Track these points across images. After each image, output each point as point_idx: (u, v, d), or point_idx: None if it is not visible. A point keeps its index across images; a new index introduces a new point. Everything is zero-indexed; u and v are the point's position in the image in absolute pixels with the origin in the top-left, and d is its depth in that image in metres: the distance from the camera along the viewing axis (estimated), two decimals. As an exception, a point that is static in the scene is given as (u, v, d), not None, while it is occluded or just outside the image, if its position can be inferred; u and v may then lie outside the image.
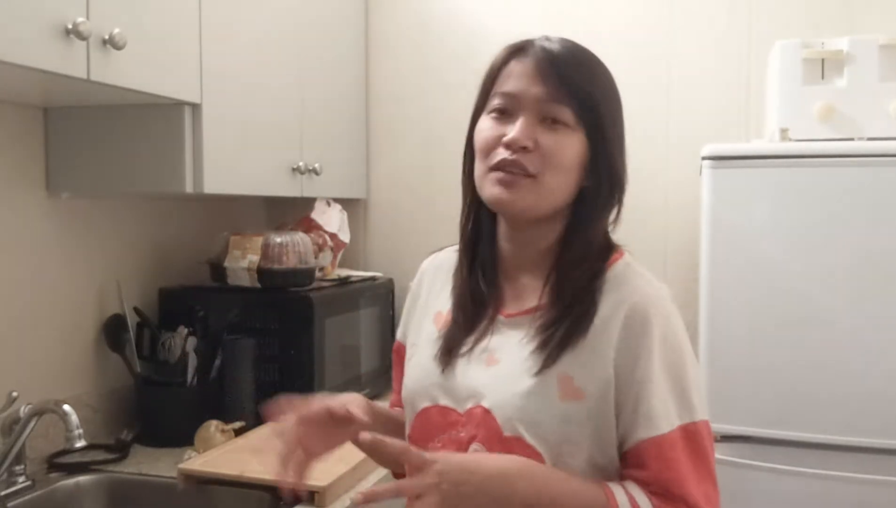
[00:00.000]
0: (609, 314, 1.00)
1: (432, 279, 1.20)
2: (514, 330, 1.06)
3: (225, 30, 1.79)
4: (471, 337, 1.08)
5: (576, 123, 1.02)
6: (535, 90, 1.02)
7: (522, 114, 1.02)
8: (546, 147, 1.01)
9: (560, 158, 1.01)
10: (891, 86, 1.85)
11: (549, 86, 1.01)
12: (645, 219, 2.30)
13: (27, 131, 1.74)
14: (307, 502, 1.53)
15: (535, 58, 1.03)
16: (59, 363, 1.82)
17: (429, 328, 1.15)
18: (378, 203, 2.63)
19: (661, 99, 2.33)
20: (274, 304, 2.03)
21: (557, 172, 1.02)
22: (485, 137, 1.04)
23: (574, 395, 0.98)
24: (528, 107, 1.02)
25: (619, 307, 1.00)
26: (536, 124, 1.02)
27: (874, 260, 1.76)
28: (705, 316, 1.87)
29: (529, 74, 1.03)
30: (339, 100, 2.43)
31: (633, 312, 1.00)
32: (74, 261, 1.86)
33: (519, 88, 1.03)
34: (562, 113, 1.01)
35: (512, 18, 2.44)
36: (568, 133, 1.02)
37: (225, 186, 1.82)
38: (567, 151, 1.02)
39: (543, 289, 1.05)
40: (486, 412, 1.02)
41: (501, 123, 1.04)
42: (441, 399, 1.07)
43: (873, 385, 1.76)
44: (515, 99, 1.03)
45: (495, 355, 1.05)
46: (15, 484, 1.57)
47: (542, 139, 1.01)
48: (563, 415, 0.98)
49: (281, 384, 2.01)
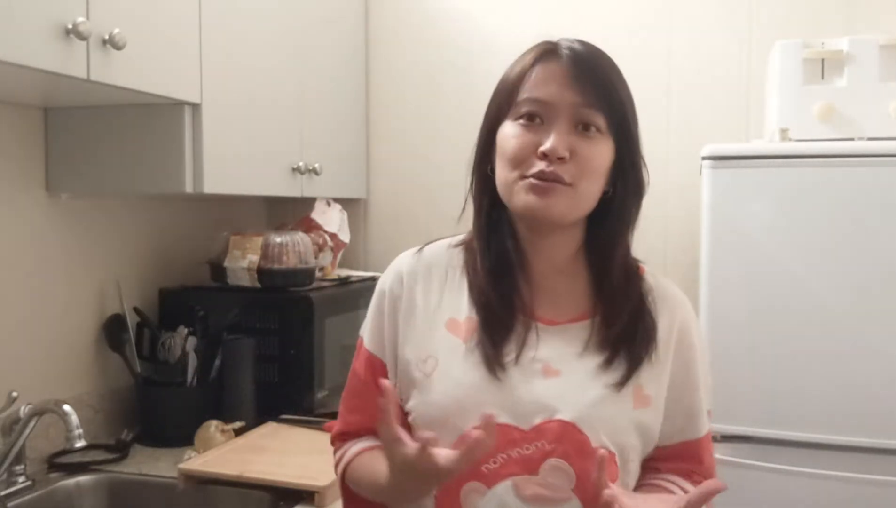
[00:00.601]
0: (667, 327, 1.07)
1: (425, 281, 1.09)
2: (562, 339, 1.03)
3: (225, 30, 1.79)
4: (510, 344, 1.02)
5: (607, 129, 1.01)
6: (570, 96, 1.00)
7: (557, 121, 1.00)
8: (583, 155, 1.00)
9: (596, 165, 1.01)
10: (891, 86, 1.85)
11: (584, 91, 1.00)
12: (645, 219, 2.28)
13: (27, 131, 1.74)
14: (307, 502, 1.53)
15: (566, 61, 1.01)
16: (59, 363, 1.82)
17: (445, 338, 1.04)
18: (378, 203, 2.63)
19: (661, 99, 2.33)
20: (274, 304, 2.03)
21: (592, 180, 1.01)
22: (515, 146, 1.01)
23: (644, 402, 1.03)
24: (562, 113, 1.00)
25: (674, 321, 1.07)
26: (571, 131, 1.00)
27: (874, 260, 1.76)
28: (705, 316, 1.87)
29: (561, 78, 1.00)
30: (339, 100, 2.43)
31: (684, 325, 1.09)
32: (74, 261, 1.86)
33: (552, 95, 1.00)
34: (596, 119, 1.00)
35: (512, 18, 2.44)
36: (600, 139, 1.01)
37: (225, 187, 1.82)
38: (601, 159, 1.01)
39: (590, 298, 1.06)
40: (569, 425, 0.98)
41: (532, 130, 1.01)
42: (497, 417, 0.95)
43: (874, 385, 1.76)
44: (548, 105, 1.00)
45: (553, 366, 1.01)
46: (15, 484, 1.57)
47: (579, 147, 0.99)
48: (638, 422, 1.03)
49: (281, 384, 2.01)
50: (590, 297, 1.06)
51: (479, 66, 2.46)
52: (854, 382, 1.77)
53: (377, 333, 1.13)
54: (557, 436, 0.98)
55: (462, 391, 1.00)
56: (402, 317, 1.09)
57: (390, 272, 1.13)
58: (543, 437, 0.98)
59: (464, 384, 1.01)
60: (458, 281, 1.08)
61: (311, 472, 1.57)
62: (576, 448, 0.98)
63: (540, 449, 0.98)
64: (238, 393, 1.96)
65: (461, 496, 0.99)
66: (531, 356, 1.01)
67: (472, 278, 1.07)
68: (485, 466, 0.98)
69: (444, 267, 1.10)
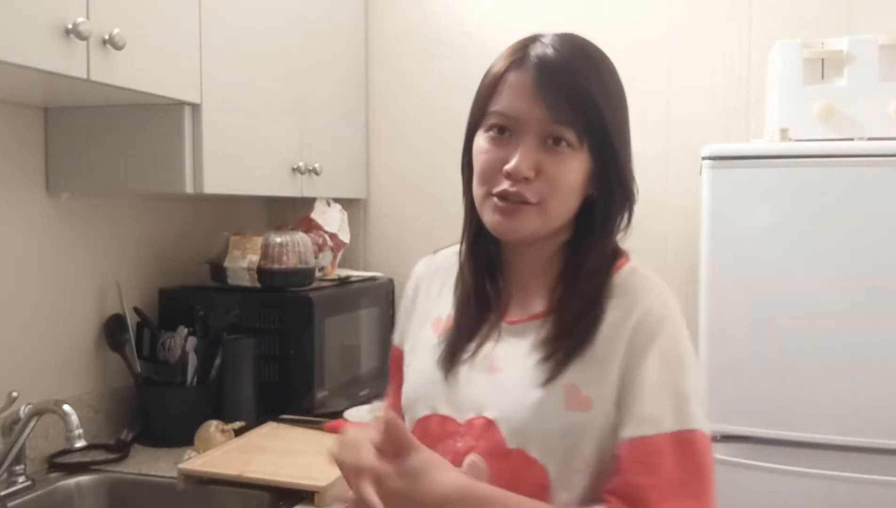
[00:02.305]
0: (618, 323, 0.97)
1: (429, 283, 1.16)
2: (517, 338, 1.02)
3: (225, 30, 1.79)
4: (473, 343, 1.04)
5: (580, 142, 0.96)
6: (537, 111, 0.95)
7: (524, 137, 0.96)
8: (550, 173, 0.96)
9: (565, 182, 0.97)
10: (891, 86, 1.85)
11: (551, 105, 0.94)
12: (645, 219, 2.27)
13: (27, 131, 1.74)
14: (307, 502, 1.53)
15: (533, 72, 0.96)
16: (59, 363, 1.82)
17: (427, 334, 1.10)
18: (378, 203, 2.63)
19: (661, 99, 2.33)
20: (274, 304, 2.03)
21: (562, 197, 0.98)
22: (483, 162, 0.99)
23: (580, 405, 0.95)
24: (529, 129, 0.96)
25: (629, 316, 0.96)
26: (539, 148, 0.96)
27: (874, 260, 1.75)
28: (705, 316, 1.87)
29: (528, 91, 0.96)
30: (339, 100, 2.43)
31: (642, 322, 0.96)
32: (74, 261, 1.86)
33: (518, 110, 0.96)
34: (566, 134, 0.95)
35: (511, 19, 2.44)
36: (571, 154, 0.96)
37: (225, 187, 1.82)
38: (571, 175, 0.97)
39: (550, 297, 1.02)
40: (490, 424, 0.98)
41: (500, 144, 0.98)
42: (441, 408, 1.03)
43: (873, 385, 1.76)
44: (515, 121, 0.97)
45: (497, 362, 1.02)
46: (15, 484, 1.57)
47: (546, 166, 0.95)
48: (568, 426, 0.95)
49: (281, 384, 2.01)
50: (551, 295, 1.03)
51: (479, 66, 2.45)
52: (854, 382, 1.77)
53: (399, 329, 1.20)
54: (480, 433, 0.99)
55: (419, 384, 1.07)
56: (410, 316, 1.17)
57: (411, 276, 1.21)
58: (471, 433, 1.00)
59: (422, 377, 1.07)
60: (452, 283, 1.12)
61: (311, 472, 1.57)
62: (491, 446, 0.97)
63: (466, 444, 1.00)
64: (238, 393, 1.96)
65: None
66: (485, 352, 1.03)
67: (458, 280, 1.11)
68: None
69: (446, 270, 1.14)
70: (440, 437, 1.02)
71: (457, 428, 1.01)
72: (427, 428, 1.04)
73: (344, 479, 0.95)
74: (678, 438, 0.92)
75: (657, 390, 0.93)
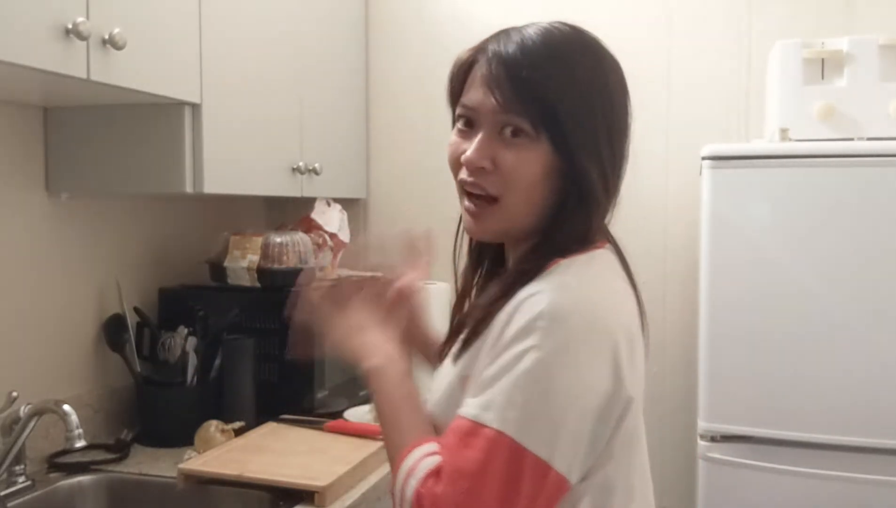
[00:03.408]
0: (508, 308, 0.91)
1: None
2: None
3: (225, 30, 1.79)
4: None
5: (536, 132, 0.93)
6: (490, 101, 0.95)
7: (481, 129, 0.96)
8: (505, 166, 0.94)
9: (521, 176, 0.94)
10: (891, 86, 1.86)
11: (501, 95, 0.94)
12: (645, 219, 2.29)
13: (27, 131, 1.74)
14: (307, 502, 1.53)
15: (488, 63, 0.96)
16: (59, 363, 1.82)
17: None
18: (378, 203, 2.63)
19: (662, 99, 2.33)
20: (274, 304, 2.02)
21: (520, 192, 0.95)
22: (450, 154, 1.01)
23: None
24: (485, 120, 0.96)
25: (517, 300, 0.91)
26: (495, 139, 0.95)
27: (874, 260, 1.76)
28: (705, 316, 1.87)
29: (483, 82, 0.96)
30: (339, 100, 2.43)
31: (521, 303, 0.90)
32: (74, 261, 1.86)
33: (475, 100, 0.97)
34: (520, 123, 0.94)
35: (511, 18, 2.43)
36: (528, 145, 0.94)
37: (225, 186, 1.82)
38: (528, 168, 0.94)
39: None
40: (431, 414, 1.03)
41: (465, 136, 0.99)
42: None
43: (873, 385, 1.76)
44: (474, 111, 0.98)
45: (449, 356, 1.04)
46: (15, 484, 1.57)
47: (501, 157, 0.94)
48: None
49: (281, 384, 2.01)
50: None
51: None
52: (854, 382, 1.77)
53: None
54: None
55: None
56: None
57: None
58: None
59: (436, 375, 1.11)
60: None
61: (311, 472, 1.57)
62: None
63: None
64: (238, 393, 1.96)
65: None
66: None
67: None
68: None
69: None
70: None
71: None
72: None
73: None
74: (464, 422, 0.89)
75: (483, 375, 0.90)
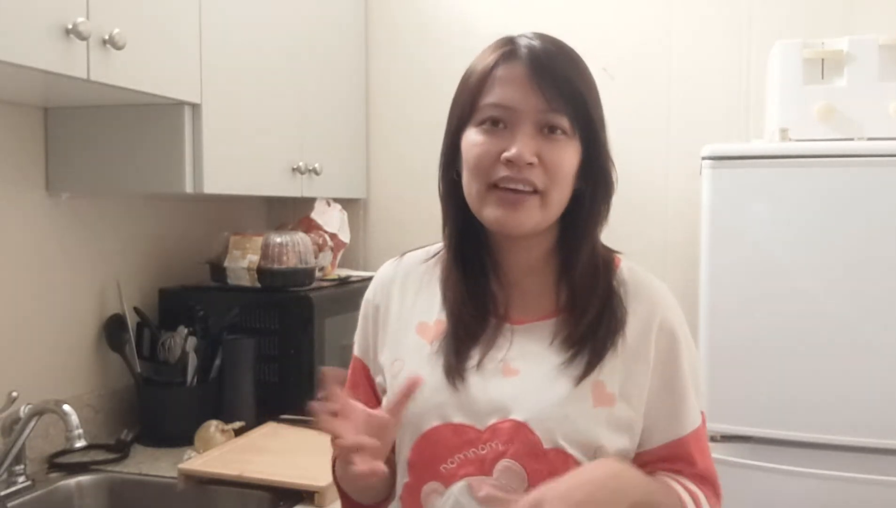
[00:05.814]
0: (643, 323, 1.02)
1: (402, 288, 1.12)
2: (528, 338, 1.02)
3: (225, 30, 1.79)
4: (476, 348, 1.02)
5: (572, 130, 0.99)
6: (533, 100, 0.97)
7: (521, 126, 0.97)
8: (550, 161, 0.97)
9: (565, 169, 0.98)
10: (891, 86, 1.85)
11: (547, 94, 0.97)
12: (645, 219, 2.29)
13: (27, 131, 1.74)
14: (307, 502, 1.53)
15: (527, 62, 0.98)
16: (59, 363, 1.82)
17: (414, 341, 1.06)
18: (378, 203, 2.63)
19: (662, 99, 2.33)
20: (274, 304, 2.03)
21: (562, 186, 0.99)
22: (479, 154, 0.98)
23: (607, 401, 0.99)
24: (526, 118, 0.97)
25: (653, 316, 1.03)
26: (536, 136, 0.97)
27: (874, 260, 1.75)
28: (705, 316, 1.87)
29: (523, 81, 0.97)
30: (339, 100, 2.43)
31: (666, 321, 1.03)
32: (74, 261, 1.86)
33: (514, 99, 0.97)
34: (561, 121, 0.98)
35: (511, 18, 2.44)
36: (566, 141, 0.99)
37: (225, 186, 1.82)
38: (569, 162, 0.99)
39: (557, 295, 1.03)
40: (521, 426, 0.97)
41: (496, 136, 0.98)
42: (454, 417, 0.99)
43: (873, 385, 1.76)
44: (511, 111, 0.98)
45: (512, 365, 1.01)
46: (15, 484, 1.57)
47: (545, 153, 0.97)
48: (597, 422, 0.98)
49: (281, 384, 2.01)
50: (557, 294, 1.04)
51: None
52: (854, 382, 1.77)
53: (362, 339, 1.16)
54: (510, 437, 0.97)
55: (426, 395, 1.01)
56: (381, 324, 1.12)
57: (373, 281, 1.17)
58: (497, 437, 0.98)
59: (426, 387, 1.01)
60: (432, 287, 1.09)
61: (311, 472, 1.57)
62: (527, 448, 0.97)
63: (493, 450, 0.98)
64: (238, 393, 1.96)
65: (422, 496, 1.00)
66: (497, 356, 1.02)
67: (445, 285, 1.07)
68: (443, 466, 0.99)
69: (420, 274, 1.12)
70: (457, 446, 0.99)
71: (478, 435, 0.99)
72: (438, 439, 1.00)
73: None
74: (696, 435, 1.05)
75: (689, 386, 1.04)
